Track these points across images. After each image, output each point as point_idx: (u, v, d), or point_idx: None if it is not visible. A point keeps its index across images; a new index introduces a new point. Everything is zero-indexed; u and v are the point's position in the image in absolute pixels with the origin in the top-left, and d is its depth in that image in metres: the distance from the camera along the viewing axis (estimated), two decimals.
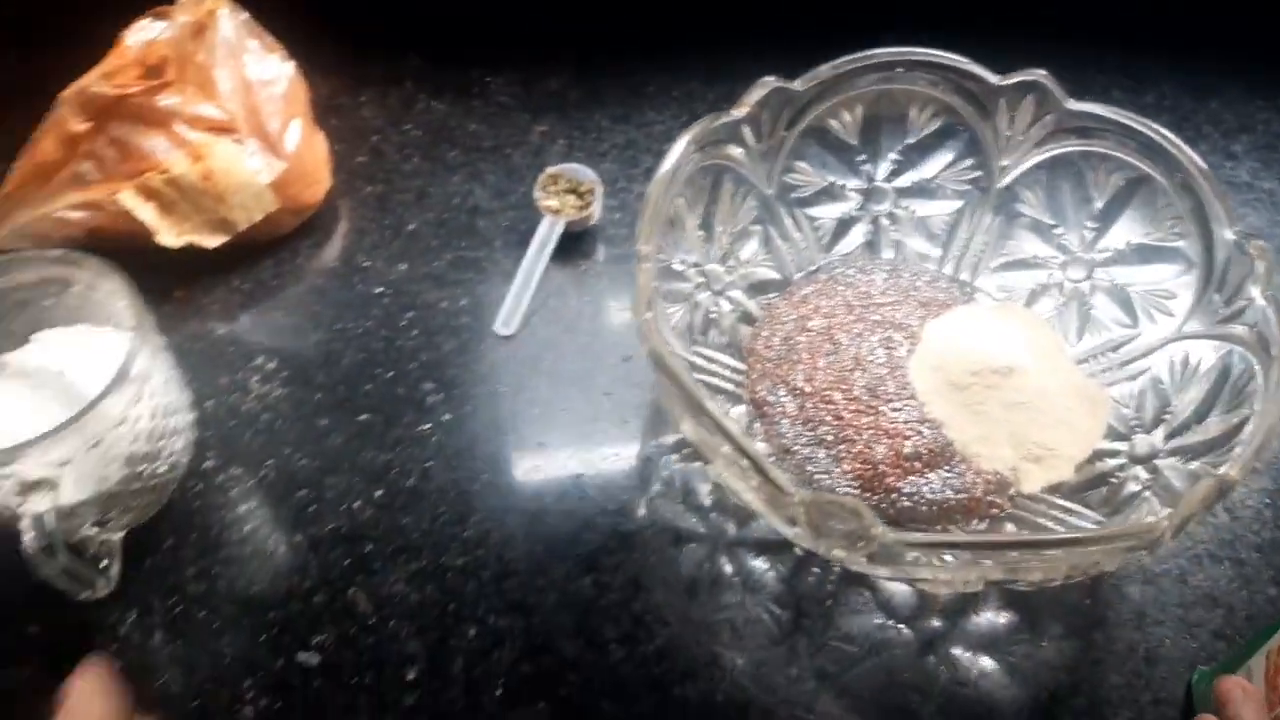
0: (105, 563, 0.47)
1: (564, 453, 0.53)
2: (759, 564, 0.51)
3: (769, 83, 0.52)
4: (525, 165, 0.66)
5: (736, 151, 0.54)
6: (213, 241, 0.59)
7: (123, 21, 0.59)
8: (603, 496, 0.51)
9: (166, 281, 0.59)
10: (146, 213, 0.57)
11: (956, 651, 0.47)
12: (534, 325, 0.58)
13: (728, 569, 0.50)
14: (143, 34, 0.58)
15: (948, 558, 0.40)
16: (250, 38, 0.60)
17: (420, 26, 0.74)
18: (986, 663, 0.47)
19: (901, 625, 0.48)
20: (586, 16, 0.75)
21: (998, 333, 0.54)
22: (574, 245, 0.61)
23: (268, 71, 0.60)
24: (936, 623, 0.48)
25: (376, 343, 0.57)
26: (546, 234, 0.59)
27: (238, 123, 0.59)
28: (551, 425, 0.54)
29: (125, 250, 0.51)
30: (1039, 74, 0.53)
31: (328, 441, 0.53)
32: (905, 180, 0.58)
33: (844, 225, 0.59)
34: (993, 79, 0.54)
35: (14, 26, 0.70)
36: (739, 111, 0.52)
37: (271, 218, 0.60)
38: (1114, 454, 0.50)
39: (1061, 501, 0.49)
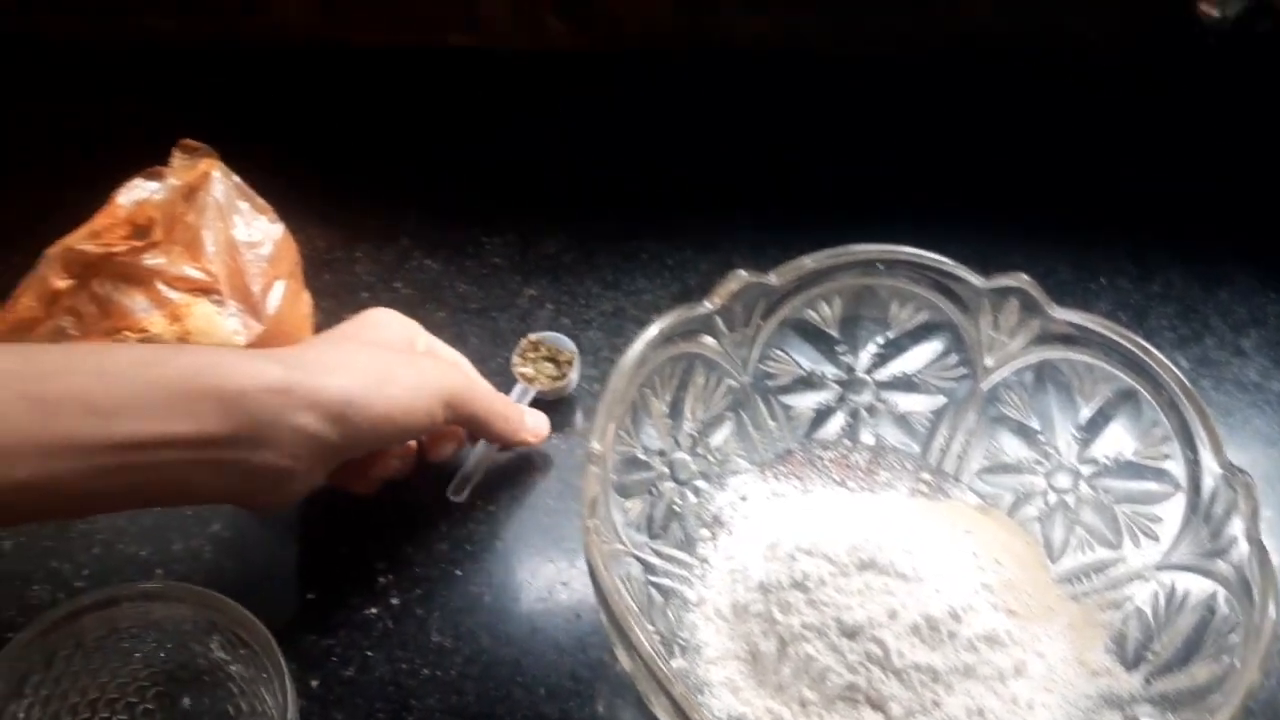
0: None
1: (509, 649, 0.51)
2: None
3: (742, 277, 0.52)
4: (510, 330, 0.65)
5: (708, 341, 0.53)
6: None
7: (121, 180, 0.60)
8: (548, 696, 0.49)
9: None
10: None
11: None
12: (498, 500, 0.57)
13: None
14: (135, 193, 0.59)
15: None
16: (241, 200, 0.61)
17: (423, 183, 0.74)
18: None
19: None
20: (588, 179, 0.76)
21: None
22: (551, 415, 0.60)
23: (255, 233, 0.60)
24: None
25: (335, 514, 0.56)
26: (516, 400, 0.58)
27: (220, 284, 0.59)
28: (500, 615, 0.52)
29: None
30: (1022, 279, 0.52)
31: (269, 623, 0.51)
32: (886, 373, 0.56)
33: (821, 415, 0.57)
34: (975, 281, 0.52)
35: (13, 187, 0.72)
36: (711, 304, 0.51)
37: None
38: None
39: None
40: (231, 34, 0.73)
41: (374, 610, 0.52)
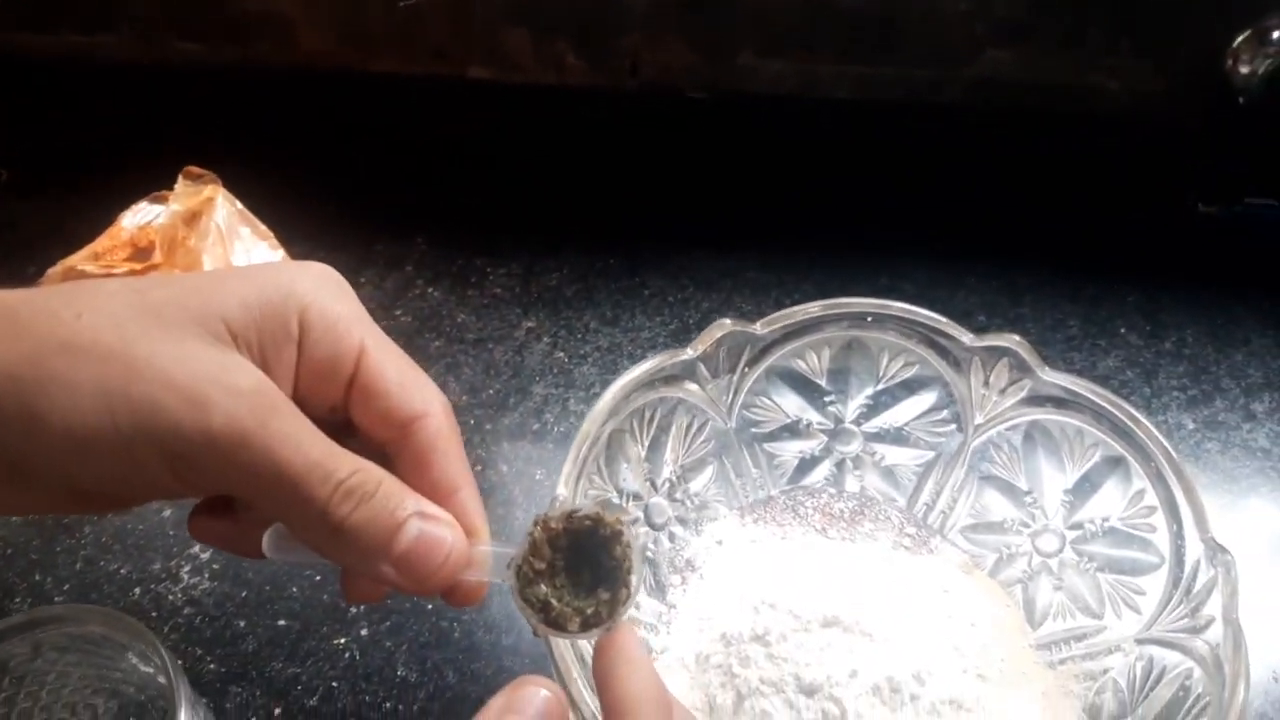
0: None
1: (474, 686, 0.50)
2: None
3: (726, 325, 0.51)
4: (504, 361, 0.66)
5: (691, 387, 0.52)
6: None
7: (130, 201, 0.61)
8: None
9: None
10: None
11: None
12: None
13: None
14: (139, 216, 0.60)
15: None
16: (242, 225, 0.62)
17: (432, 212, 0.75)
18: None
19: None
20: (595, 214, 0.76)
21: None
22: None
23: (255, 258, 0.61)
24: None
25: None
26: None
27: None
28: (468, 652, 0.52)
29: None
30: (1012, 339, 0.51)
31: (240, 646, 0.51)
32: (875, 424, 0.56)
33: (806, 464, 0.56)
34: (965, 339, 0.51)
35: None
36: (693, 350, 0.51)
37: None
38: None
39: None
40: (252, 59, 0.74)
41: (342, 640, 0.52)
